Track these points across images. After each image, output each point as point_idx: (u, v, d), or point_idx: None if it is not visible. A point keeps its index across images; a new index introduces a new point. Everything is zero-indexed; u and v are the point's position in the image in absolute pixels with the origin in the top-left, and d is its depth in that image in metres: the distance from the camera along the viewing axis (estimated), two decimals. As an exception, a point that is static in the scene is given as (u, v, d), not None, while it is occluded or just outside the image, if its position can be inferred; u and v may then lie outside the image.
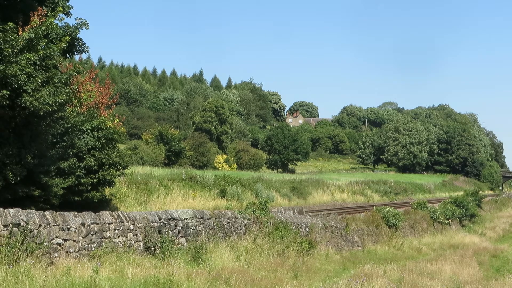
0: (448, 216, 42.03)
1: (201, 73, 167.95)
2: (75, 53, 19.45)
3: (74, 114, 17.10)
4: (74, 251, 12.11)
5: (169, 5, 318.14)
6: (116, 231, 13.65)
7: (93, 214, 13.28)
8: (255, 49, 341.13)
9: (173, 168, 47.98)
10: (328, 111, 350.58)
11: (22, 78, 12.40)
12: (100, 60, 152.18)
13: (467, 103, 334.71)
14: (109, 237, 13.33)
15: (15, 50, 12.57)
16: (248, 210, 20.61)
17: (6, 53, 12.27)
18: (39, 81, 12.86)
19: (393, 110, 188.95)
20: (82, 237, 12.46)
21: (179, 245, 15.72)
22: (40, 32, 13.42)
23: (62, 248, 11.80)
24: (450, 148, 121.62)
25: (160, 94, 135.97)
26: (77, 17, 18.23)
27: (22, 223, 10.88)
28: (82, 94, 20.16)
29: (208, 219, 17.53)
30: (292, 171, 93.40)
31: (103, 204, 18.21)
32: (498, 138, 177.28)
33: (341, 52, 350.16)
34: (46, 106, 12.80)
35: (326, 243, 23.69)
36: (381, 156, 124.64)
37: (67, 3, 18.69)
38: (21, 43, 12.88)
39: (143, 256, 13.80)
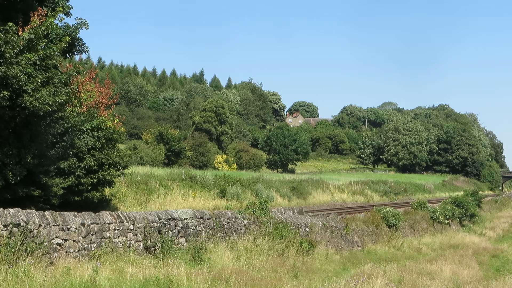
0: (448, 216, 42.02)
1: (201, 73, 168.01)
2: (75, 53, 19.49)
3: (74, 114, 17.12)
4: (74, 251, 12.11)
5: (169, 5, 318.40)
6: (116, 231, 13.65)
7: (93, 214, 13.28)
8: (255, 49, 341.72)
9: (173, 168, 48.00)
10: (328, 111, 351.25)
11: (22, 79, 12.40)
12: (100, 60, 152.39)
13: (467, 103, 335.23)
14: (109, 237, 13.32)
15: (15, 50, 12.57)
16: (248, 210, 20.60)
17: (7, 54, 12.27)
18: (39, 81, 12.86)
19: (393, 110, 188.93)
20: (82, 237, 12.46)
21: (179, 245, 15.71)
22: (40, 32, 13.42)
23: (62, 248, 11.79)
24: (450, 148, 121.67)
25: (160, 94, 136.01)
26: (77, 17, 18.29)
27: (22, 223, 10.88)
28: (82, 94, 20.18)
29: (208, 219, 17.53)
30: (292, 171, 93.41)
31: (103, 204, 18.21)
32: (498, 138, 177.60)
33: (341, 52, 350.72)
34: (46, 106, 12.80)
35: (326, 243, 23.68)
36: (381, 156, 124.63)
37: (67, 3, 18.72)
38: (21, 43, 12.87)
39: (143, 256, 13.80)
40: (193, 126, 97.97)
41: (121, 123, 23.67)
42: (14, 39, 12.56)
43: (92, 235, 12.79)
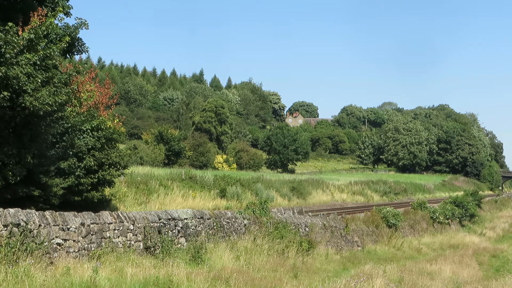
0: (448, 216, 42.03)
1: (201, 73, 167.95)
2: (75, 53, 19.51)
3: (74, 114, 17.11)
4: (74, 251, 12.11)
5: (169, 5, 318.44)
6: (116, 231, 13.65)
7: (93, 214, 13.28)
8: (255, 49, 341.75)
9: (173, 168, 47.99)
10: (328, 111, 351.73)
11: (22, 79, 12.40)
12: (100, 60, 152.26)
13: (467, 103, 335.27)
14: (109, 237, 13.32)
15: (15, 51, 12.57)
16: (248, 210, 20.60)
17: (8, 55, 12.26)
18: (39, 81, 12.86)
19: (393, 110, 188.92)
20: (82, 237, 12.46)
21: (179, 245, 15.72)
22: (40, 32, 13.42)
23: (62, 248, 11.80)
24: (450, 148, 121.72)
25: (160, 94, 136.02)
26: (77, 17, 18.31)
27: (22, 223, 10.88)
28: (82, 94, 20.19)
29: (208, 219, 17.53)
30: (292, 171, 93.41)
31: (103, 204, 18.21)
32: (498, 138, 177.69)
33: (341, 52, 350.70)
34: (46, 106, 12.80)
35: (326, 243, 23.68)
36: (381, 156, 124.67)
37: (67, 3, 18.73)
38: (21, 43, 12.87)
39: (142, 256, 13.80)
40: (193, 126, 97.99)
41: (121, 123, 23.68)
42: (14, 39, 12.56)
43: (92, 235, 12.79)
